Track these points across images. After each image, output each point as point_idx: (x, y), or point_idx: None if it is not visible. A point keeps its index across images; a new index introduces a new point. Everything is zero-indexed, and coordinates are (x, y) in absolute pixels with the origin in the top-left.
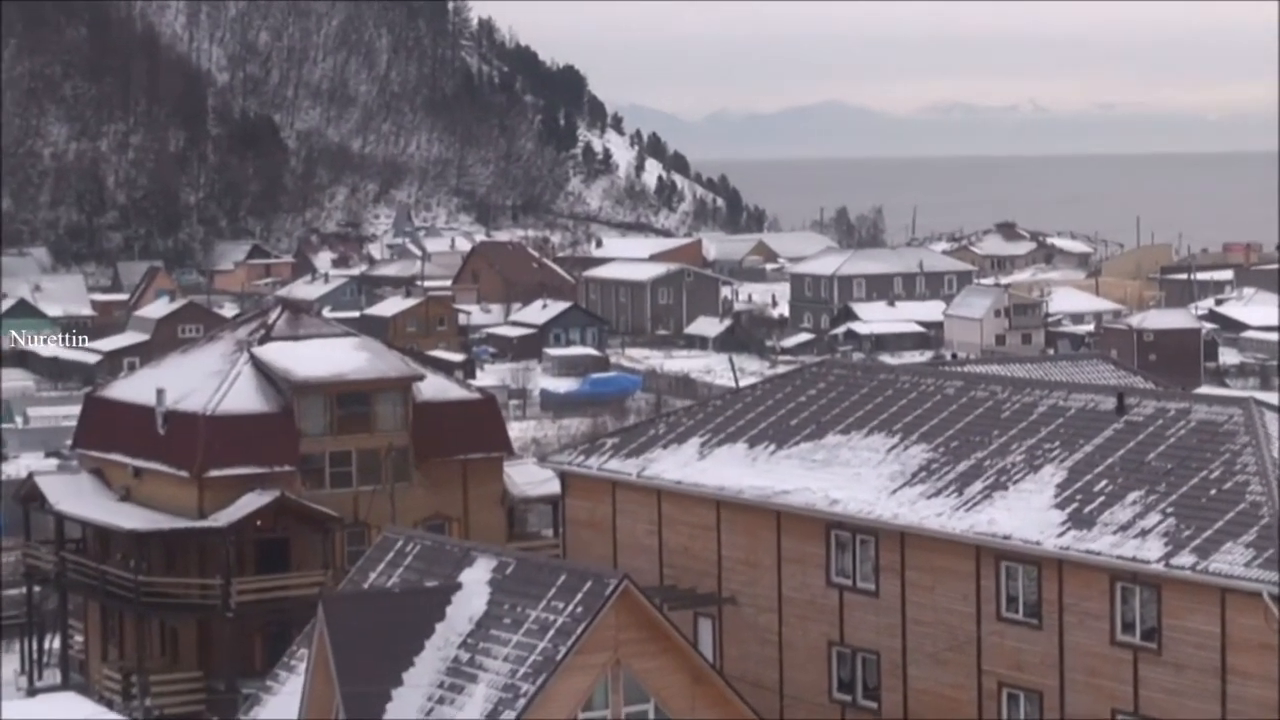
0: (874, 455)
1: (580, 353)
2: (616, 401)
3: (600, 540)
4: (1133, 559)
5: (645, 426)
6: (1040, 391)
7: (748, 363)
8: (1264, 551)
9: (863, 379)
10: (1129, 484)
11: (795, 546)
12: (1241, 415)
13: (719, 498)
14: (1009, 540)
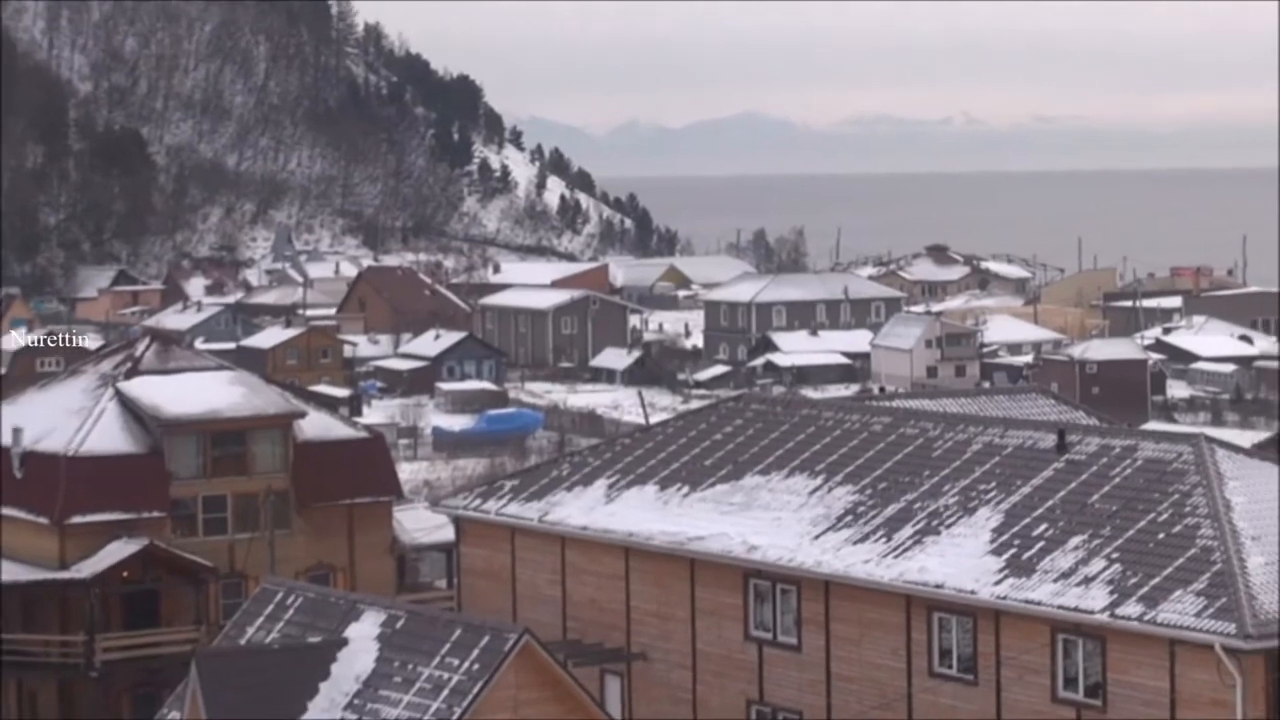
0: (795, 498)
1: (476, 387)
2: (516, 440)
3: (498, 591)
4: (1075, 609)
5: (547, 467)
6: (975, 428)
7: (658, 398)
8: (1216, 600)
9: (783, 415)
10: (1070, 528)
11: (710, 597)
12: (1191, 453)
13: (628, 545)
14: (941, 589)
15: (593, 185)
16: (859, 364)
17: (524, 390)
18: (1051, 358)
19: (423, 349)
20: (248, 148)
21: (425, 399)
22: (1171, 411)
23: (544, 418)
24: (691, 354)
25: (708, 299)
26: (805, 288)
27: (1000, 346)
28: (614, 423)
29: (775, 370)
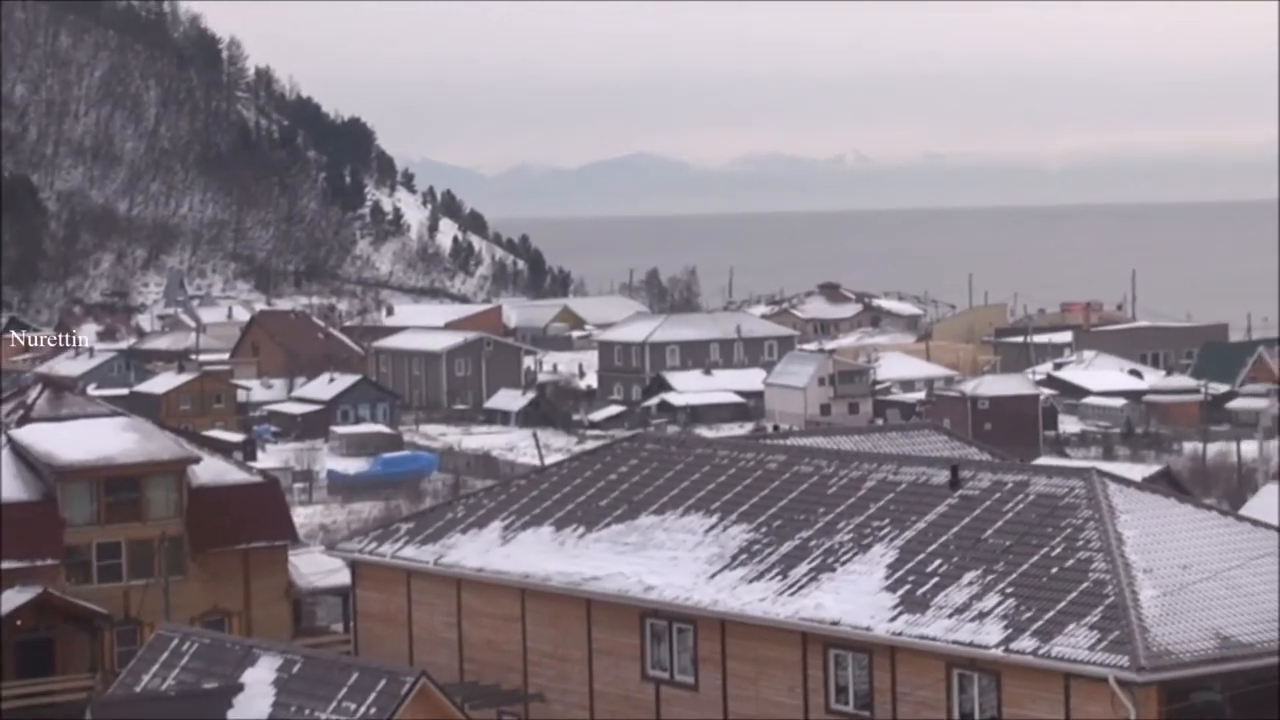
0: (691, 537)
1: (370, 430)
2: (411, 483)
3: (395, 634)
4: (970, 644)
5: (442, 510)
6: (868, 465)
7: (553, 438)
8: (1109, 633)
9: (678, 454)
10: (965, 563)
11: (607, 637)
12: (1083, 487)
13: (524, 586)
14: (837, 626)
15: (485, 227)
16: (753, 402)
17: (419, 433)
18: (944, 394)
19: (317, 392)
20: (139, 193)
21: (320, 442)
22: (1063, 446)
23: (439, 460)
24: (586, 394)
25: (601, 339)
26: (699, 327)
27: (893, 383)
28: (509, 464)
29: (670, 410)
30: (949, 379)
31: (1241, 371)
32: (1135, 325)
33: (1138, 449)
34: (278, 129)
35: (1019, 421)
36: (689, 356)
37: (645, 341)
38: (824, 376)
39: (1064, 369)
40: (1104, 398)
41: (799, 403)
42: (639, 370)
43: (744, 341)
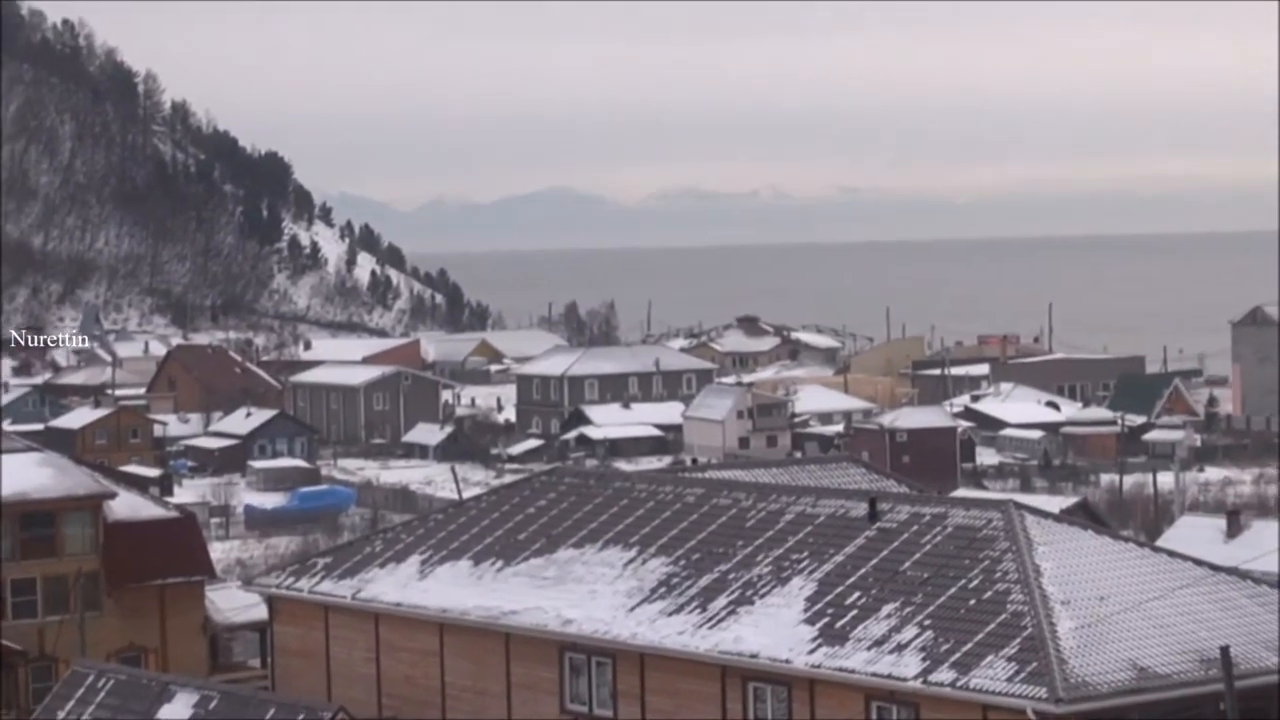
0: (610, 570)
1: (288, 465)
2: (329, 517)
3: (313, 670)
4: (889, 676)
5: (360, 544)
6: (787, 498)
7: (472, 472)
8: (1027, 665)
9: (596, 488)
10: (883, 595)
11: (526, 671)
12: (1001, 519)
13: (442, 620)
14: (756, 659)
15: (403, 261)
16: (671, 436)
17: (336, 467)
18: (862, 427)
19: (234, 427)
20: (54, 227)
21: (237, 477)
22: (981, 478)
23: (356, 494)
24: (504, 428)
25: (520, 373)
26: (617, 360)
27: (811, 416)
28: (427, 498)
29: (588, 443)
30: (867, 412)
31: (1158, 403)
32: (1052, 358)
33: (1055, 481)
34: (194, 163)
35: (937, 454)
36: (607, 390)
37: (564, 375)
38: (742, 409)
39: (981, 401)
40: (1021, 430)
41: (717, 436)
42: (557, 404)
43: (662, 375)
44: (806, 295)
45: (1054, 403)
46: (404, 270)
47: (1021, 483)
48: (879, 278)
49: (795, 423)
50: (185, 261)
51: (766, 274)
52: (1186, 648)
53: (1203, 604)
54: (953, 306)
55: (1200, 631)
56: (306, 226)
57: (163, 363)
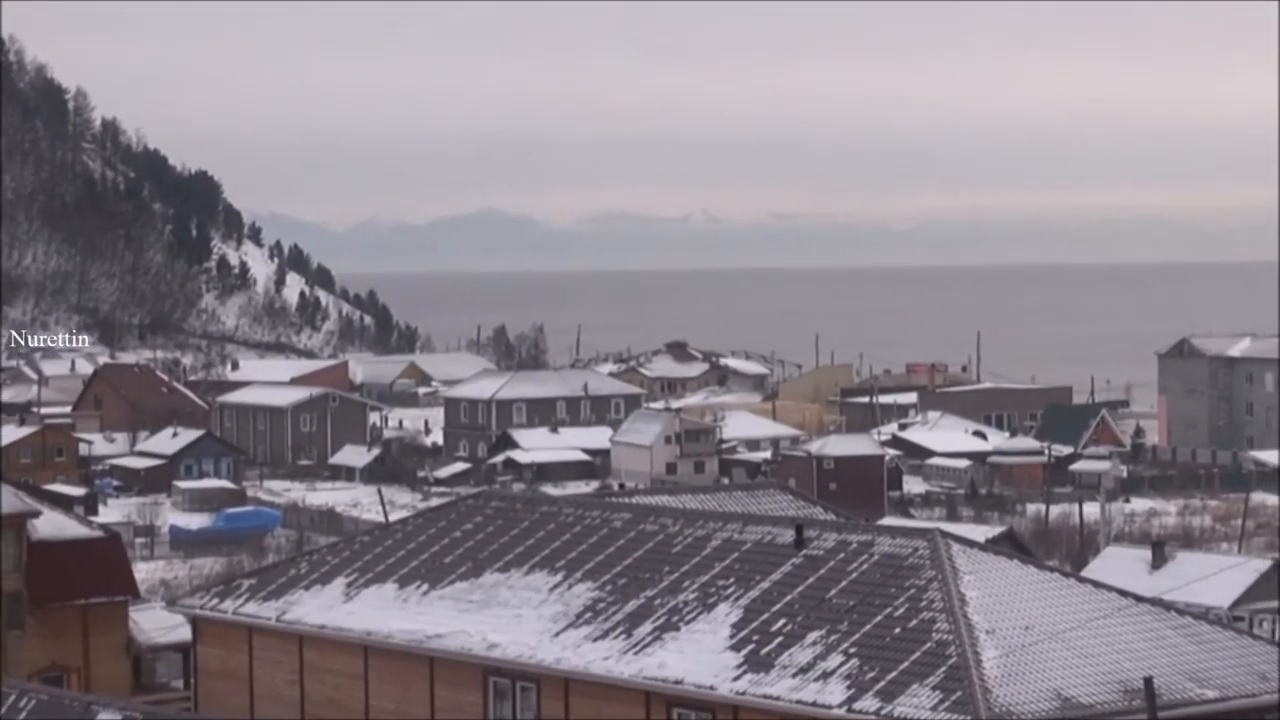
0: (535, 595)
1: (214, 485)
2: (254, 538)
3: (236, 691)
4: (813, 704)
5: (285, 566)
6: (714, 524)
7: (398, 495)
8: (952, 694)
9: (523, 512)
10: (809, 623)
11: (450, 695)
12: (927, 548)
13: (366, 643)
14: (681, 685)
15: (332, 282)
16: (599, 460)
17: (262, 488)
18: (789, 453)
19: (160, 447)
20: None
21: (162, 497)
22: (908, 507)
23: (282, 516)
24: (431, 451)
25: (448, 396)
26: (545, 384)
27: (739, 442)
28: (353, 520)
29: (515, 467)
30: (795, 438)
31: (1084, 434)
32: (980, 387)
33: (981, 510)
34: (124, 181)
35: (864, 481)
36: (535, 414)
37: (492, 398)
38: (670, 435)
39: (909, 430)
40: (948, 458)
41: (645, 461)
42: (485, 427)
43: (591, 399)
44: (736, 321)
45: (981, 432)
46: (333, 291)
47: (948, 511)
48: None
49: (723, 449)
50: (113, 280)
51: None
52: (1110, 678)
53: (1127, 634)
54: (882, 334)
55: (1124, 662)
56: (236, 246)
57: (89, 381)
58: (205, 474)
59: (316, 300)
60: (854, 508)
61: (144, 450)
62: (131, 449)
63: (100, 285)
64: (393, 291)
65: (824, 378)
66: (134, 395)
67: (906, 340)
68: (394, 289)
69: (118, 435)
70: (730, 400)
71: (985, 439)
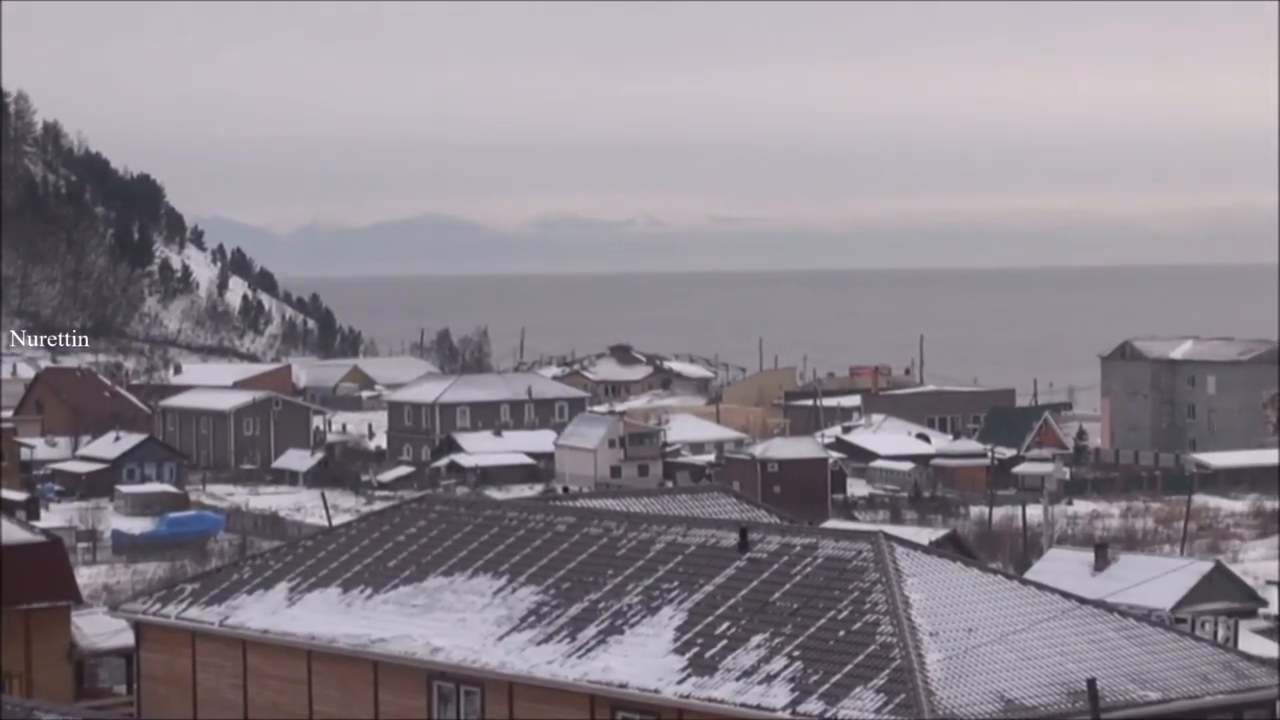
0: (479, 598)
1: (157, 490)
2: (197, 543)
3: (179, 697)
4: (757, 707)
5: (228, 570)
6: (658, 527)
7: (342, 499)
8: (896, 696)
9: (467, 516)
10: (753, 626)
11: (394, 700)
12: (871, 551)
13: (310, 647)
14: (625, 689)
15: (275, 285)
16: (543, 464)
17: (205, 492)
18: (733, 456)
19: (102, 451)
20: None
21: (105, 502)
22: (851, 509)
23: (225, 520)
24: (375, 455)
25: (391, 399)
26: (489, 388)
27: (683, 445)
28: (296, 525)
29: (459, 471)
30: (739, 441)
31: (1027, 436)
32: (923, 389)
33: (925, 512)
34: (65, 184)
35: (808, 484)
36: (479, 417)
37: (435, 402)
38: (614, 438)
39: (852, 432)
40: (892, 461)
41: (589, 464)
42: (429, 431)
43: (534, 403)
44: (680, 325)
45: (924, 434)
46: (276, 295)
47: (892, 514)
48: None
49: (667, 452)
50: (55, 284)
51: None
52: (1053, 680)
53: (1070, 636)
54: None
55: (1067, 664)
56: (178, 250)
57: (31, 385)
58: (148, 478)
59: (259, 304)
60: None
61: (86, 454)
62: (73, 453)
63: (41, 289)
64: (336, 295)
65: (768, 381)
66: (76, 399)
67: (850, 343)
68: (337, 293)
69: (59, 439)
70: (674, 403)
71: (928, 441)
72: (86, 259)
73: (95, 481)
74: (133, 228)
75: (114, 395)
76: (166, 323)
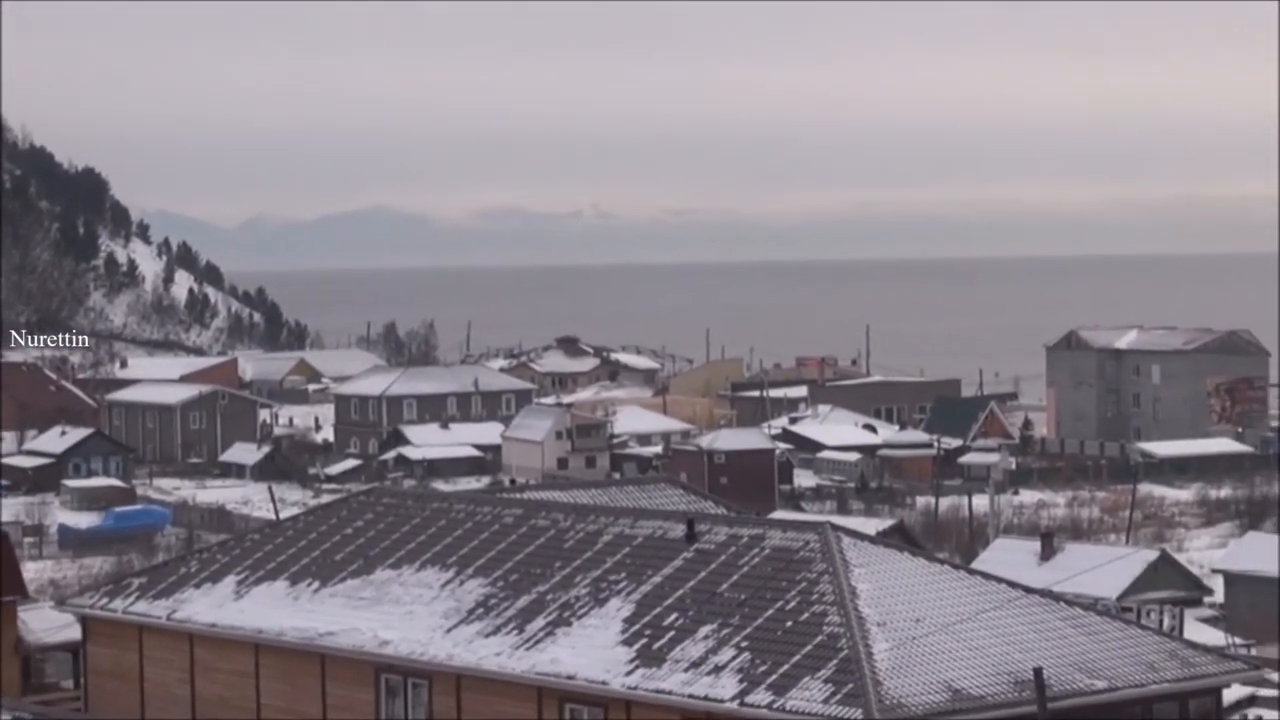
0: (427, 591)
1: (103, 484)
2: (144, 537)
3: (127, 691)
4: (705, 698)
5: (176, 564)
6: (605, 519)
7: (289, 492)
8: (843, 686)
9: (414, 508)
10: (700, 617)
11: (342, 693)
12: (818, 541)
13: (257, 641)
14: (573, 680)
15: (221, 279)
16: (490, 456)
17: (152, 487)
18: (680, 448)
19: (48, 445)
20: None
21: (51, 496)
22: (798, 500)
23: (172, 514)
24: (322, 448)
25: (338, 393)
26: (436, 381)
27: (630, 437)
28: (244, 518)
29: (406, 463)
30: (686, 433)
31: (973, 426)
32: (869, 380)
33: (871, 503)
34: (10, 179)
35: (755, 475)
36: (426, 410)
37: (382, 395)
38: (561, 430)
39: (799, 423)
40: (838, 452)
41: (536, 456)
42: (375, 424)
43: (482, 395)
44: (627, 316)
45: (871, 425)
46: (222, 288)
47: (838, 505)
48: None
49: (614, 444)
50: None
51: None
52: (1000, 669)
53: (1016, 626)
54: (772, 329)
55: (1014, 653)
56: (124, 244)
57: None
58: (94, 473)
59: (205, 297)
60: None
61: (32, 449)
62: (19, 448)
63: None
64: (282, 288)
65: (714, 372)
66: (21, 394)
67: (796, 334)
68: (283, 286)
69: (5, 434)
70: (621, 395)
71: (875, 432)
72: (31, 253)
73: (41, 476)
74: (78, 221)
75: (60, 389)
76: (112, 317)
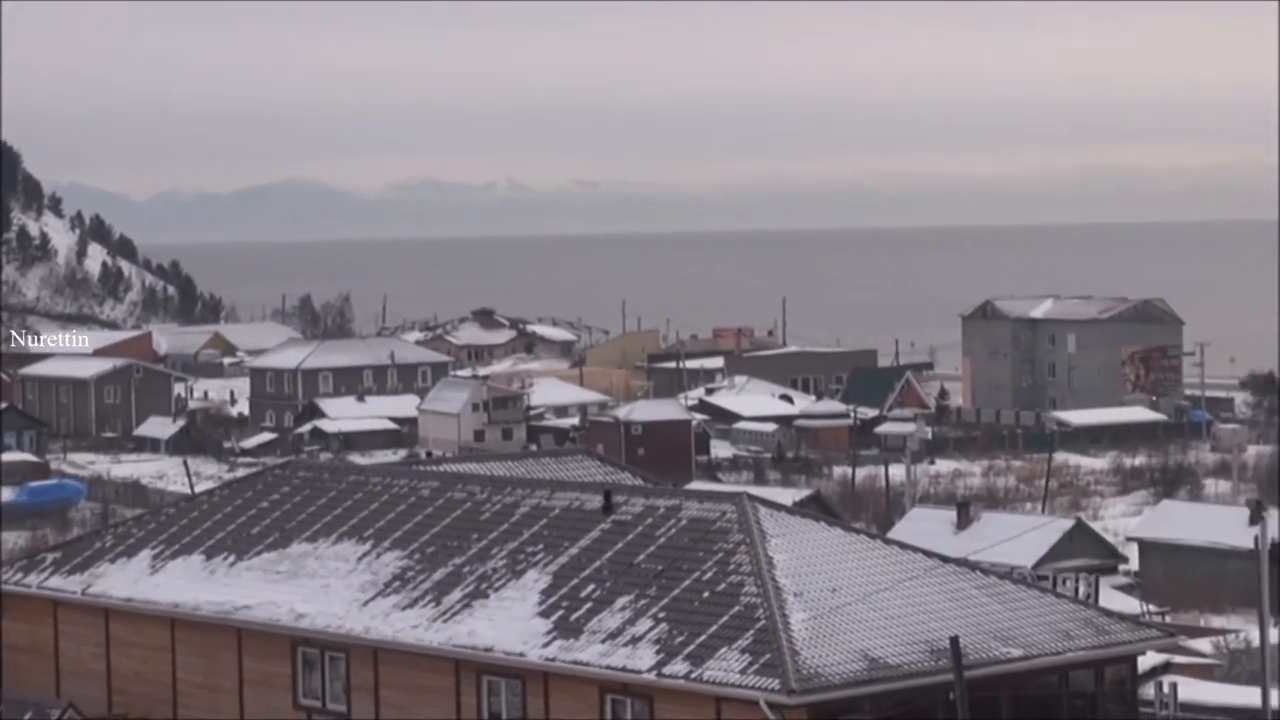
0: (344, 564)
1: (17, 459)
2: (58, 512)
3: (42, 667)
4: (623, 669)
5: (90, 539)
6: (522, 491)
7: (204, 466)
8: (760, 657)
9: (330, 481)
10: (618, 588)
11: (258, 667)
12: (734, 512)
13: (173, 615)
14: (490, 652)
15: (135, 252)
16: (406, 429)
17: (66, 461)
18: (597, 419)
19: None
20: None
21: None
22: (715, 471)
23: (87, 488)
24: (238, 421)
25: (253, 366)
26: (352, 353)
27: (547, 409)
28: (159, 492)
29: (323, 436)
30: (602, 404)
31: (890, 396)
32: (786, 351)
33: (788, 473)
34: None
35: (671, 446)
36: (342, 383)
37: (298, 368)
38: (478, 402)
39: (716, 394)
40: (755, 422)
41: (453, 429)
42: (291, 397)
43: (398, 368)
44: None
45: (788, 395)
46: (136, 262)
47: (755, 475)
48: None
49: (530, 416)
50: None
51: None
52: (917, 638)
53: (933, 595)
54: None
55: (930, 622)
56: (36, 217)
57: None
58: (7, 447)
59: (119, 271)
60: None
61: None
62: None
63: None
64: (196, 261)
65: (631, 343)
66: None
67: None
68: (198, 259)
69: None
70: (537, 367)
71: (791, 403)
72: None
73: None
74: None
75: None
76: (25, 291)
